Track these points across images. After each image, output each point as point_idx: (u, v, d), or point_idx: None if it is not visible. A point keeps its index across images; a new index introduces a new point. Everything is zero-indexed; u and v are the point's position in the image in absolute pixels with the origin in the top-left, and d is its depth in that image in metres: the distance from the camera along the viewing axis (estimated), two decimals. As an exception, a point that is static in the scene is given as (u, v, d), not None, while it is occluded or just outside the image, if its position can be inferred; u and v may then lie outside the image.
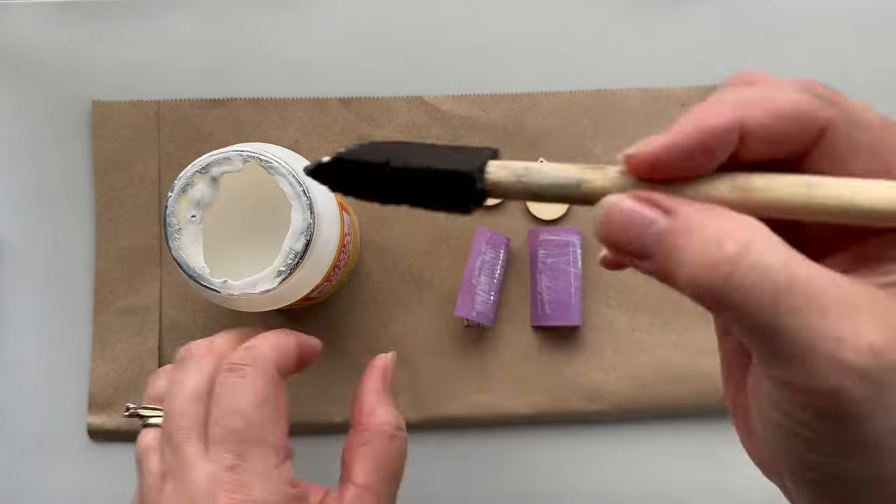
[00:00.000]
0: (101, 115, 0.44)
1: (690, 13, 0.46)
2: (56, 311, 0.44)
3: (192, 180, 0.33)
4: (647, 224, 0.21)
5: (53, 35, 0.45)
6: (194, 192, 0.33)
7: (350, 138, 0.44)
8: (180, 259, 0.33)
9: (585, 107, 0.45)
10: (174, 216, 0.33)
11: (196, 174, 0.33)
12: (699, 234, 0.20)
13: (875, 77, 0.46)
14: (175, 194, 0.33)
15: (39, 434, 0.44)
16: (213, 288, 0.33)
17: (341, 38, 0.46)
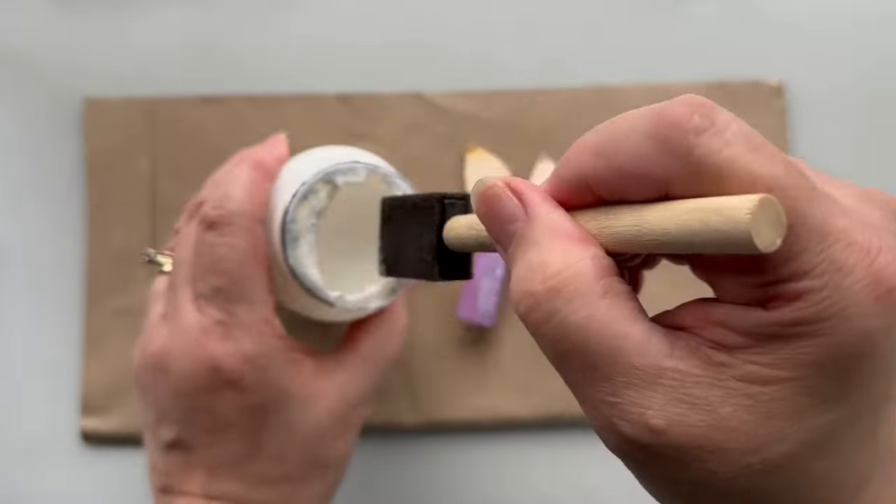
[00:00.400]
0: (95, 112, 0.44)
1: (692, 10, 0.46)
2: (47, 312, 0.44)
3: (314, 188, 0.31)
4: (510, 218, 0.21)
5: (46, 31, 0.45)
6: (316, 201, 0.31)
7: (348, 135, 0.44)
8: (297, 269, 0.31)
9: (588, 104, 0.44)
10: (295, 223, 0.31)
11: (319, 182, 0.31)
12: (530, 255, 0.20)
13: (875, 76, 0.45)
14: (297, 200, 0.31)
15: (32, 437, 0.43)
16: (329, 301, 0.31)
17: (338, 33, 0.45)
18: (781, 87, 0.45)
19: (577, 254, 0.19)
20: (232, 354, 0.31)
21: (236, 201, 0.32)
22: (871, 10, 0.46)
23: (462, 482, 0.43)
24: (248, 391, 0.31)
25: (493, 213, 0.21)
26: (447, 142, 0.44)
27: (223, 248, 0.31)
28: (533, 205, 0.20)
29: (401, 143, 0.44)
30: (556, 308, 0.19)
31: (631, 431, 0.19)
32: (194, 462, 0.32)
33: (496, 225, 0.21)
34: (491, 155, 0.44)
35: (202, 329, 0.31)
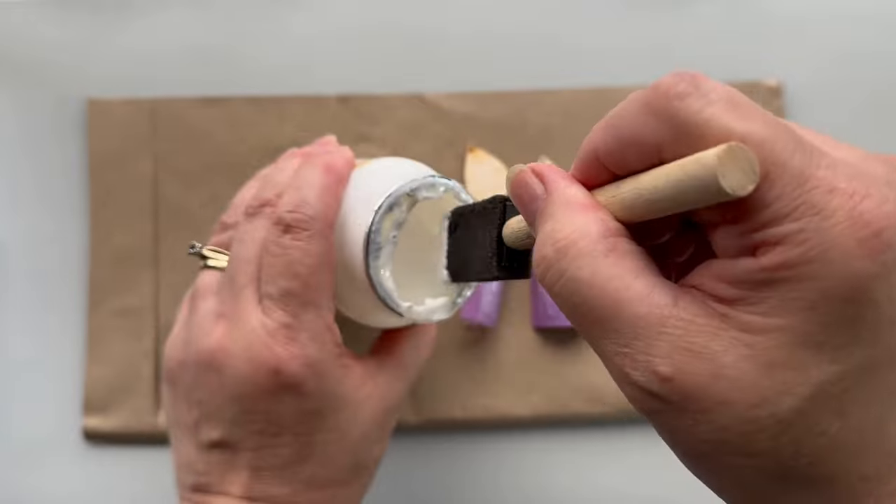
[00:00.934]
0: (97, 113, 0.44)
1: (692, 11, 0.46)
2: (50, 312, 0.44)
3: (399, 201, 0.32)
4: (534, 198, 0.23)
5: (49, 33, 0.45)
6: (399, 214, 0.32)
7: (349, 136, 0.44)
8: (376, 278, 0.32)
9: (587, 104, 0.45)
10: (379, 234, 0.32)
11: (404, 195, 0.32)
12: (544, 225, 0.22)
13: (875, 76, 0.46)
14: (382, 212, 0.32)
15: (34, 436, 0.43)
16: (399, 311, 0.32)
17: (339, 35, 0.45)
18: (779, 88, 0.45)
19: (583, 218, 0.21)
20: (297, 358, 0.30)
21: (313, 206, 0.31)
22: (869, 12, 0.46)
23: (463, 481, 0.44)
24: (307, 396, 0.31)
25: (520, 195, 0.23)
26: (447, 142, 0.44)
27: (298, 252, 0.31)
28: (551, 182, 0.22)
29: (401, 144, 0.44)
30: (564, 267, 0.20)
31: (642, 379, 0.19)
32: (239, 463, 0.31)
33: (524, 206, 0.23)
34: (491, 155, 0.44)
35: (268, 331, 0.31)
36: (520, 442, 0.44)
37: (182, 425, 0.33)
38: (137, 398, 0.43)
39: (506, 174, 0.24)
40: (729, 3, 0.46)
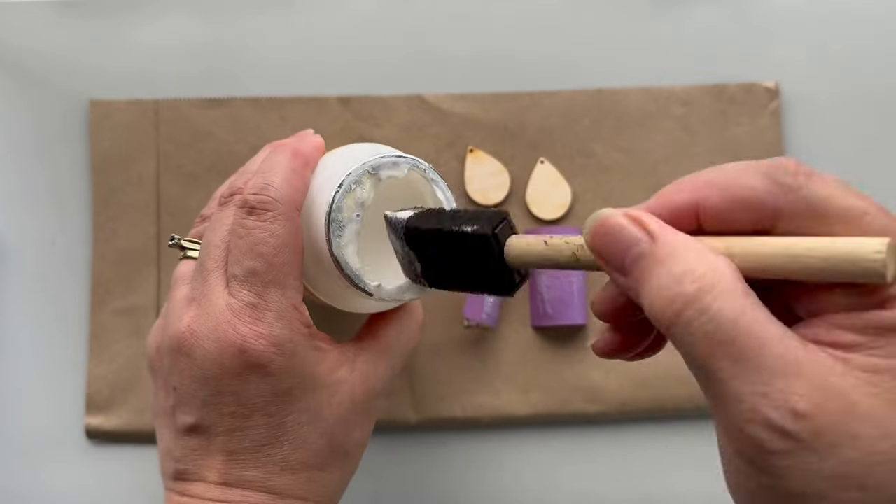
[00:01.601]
0: (99, 114, 0.44)
1: (691, 12, 0.46)
2: (53, 312, 0.44)
3: (360, 179, 0.32)
4: (633, 243, 0.23)
5: (51, 34, 0.45)
6: (361, 192, 0.32)
7: (349, 137, 0.44)
8: (340, 257, 0.32)
9: (586, 106, 0.45)
10: (340, 213, 0.32)
11: (366, 174, 0.32)
12: (668, 266, 0.22)
13: (869, 78, 0.46)
14: (343, 191, 0.32)
15: (37, 434, 0.44)
16: (367, 290, 0.32)
17: (340, 36, 0.45)
18: (776, 90, 0.45)
19: (717, 261, 0.22)
20: (262, 337, 0.30)
21: (276, 188, 0.31)
22: (866, 13, 0.46)
23: (463, 480, 0.44)
24: (274, 376, 0.31)
25: (614, 241, 0.23)
26: (447, 143, 0.45)
27: (262, 232, 0.31)
28: (657, 228, 0.23)
29: (401, 145, 0.44)
30: (707, 305, 0.21)
31: (777, 417, 0.20)
32: (214, 447, 0.31)
33: (620, 250, 0.23)
34: (491, 156, 0.44)
35: (232, 310, 0.31)
36: (519, 441, 0.44)
37: (162, 413, 0.33)
38: (139, 397, 0.43)
39: (586, 222, 0.24)
40: (726, 5, 0.46)
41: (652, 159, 0.45)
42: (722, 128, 0.45)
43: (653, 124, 0.45)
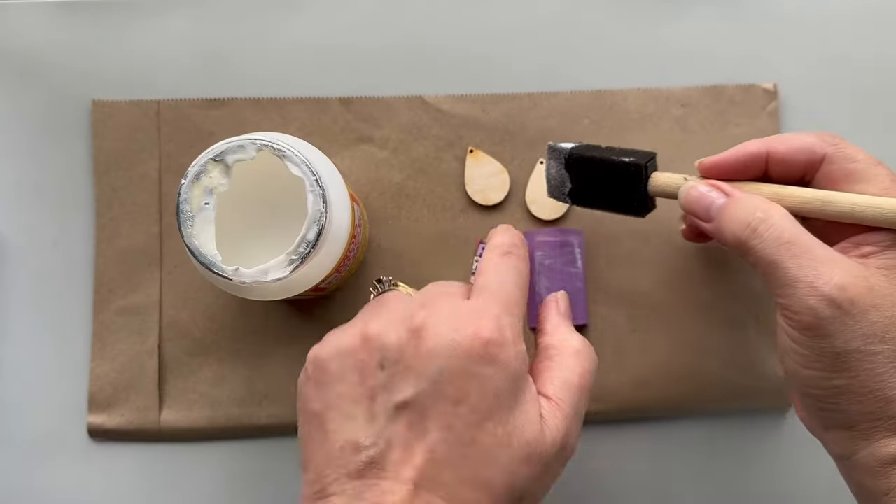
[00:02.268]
0: (101, 114, 0.44)
1: (691, 13, 0.46)
2: (55, 311, 0.44)
3: (205, 167, 0.33)
4: (713, 200, 0.35)
5: (53, 34, 0.45)
6: (208, 180, 0.33)
7: (350, 138, 0.44)
8: (193, 246, 0.33)
9: (586, 107, 0.45)
10: (188, 203, 0.33)
11: (210, 161, 0.33)
12: (743, 205, 0.34)
13: (875, 76, 0.46)
14: (189, 181, 0.33)
15: (39, 433, 0.44)
16: (225, 276, 0.33)
17: (341, 37, 0.46)
18: (775, 91, 0.45)
19: (771, 202, 0.34)
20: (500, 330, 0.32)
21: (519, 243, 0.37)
22: (863, 14, 0.46)
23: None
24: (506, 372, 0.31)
25: (703, 200, 0.35)
26: (448, 144, 0.45)
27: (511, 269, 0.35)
28: (729, 189, 0.35)
29: (402, 146, 0.45)
30: (772, 222, 0.33)
31: (827, 289, 0.31)
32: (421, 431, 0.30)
33: (705, 205, 0.35)
34: (491, 157, 0.45)
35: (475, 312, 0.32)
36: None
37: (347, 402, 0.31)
38: (141, 396, 0.43)
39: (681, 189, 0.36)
40: (725, 7, 0.46)
41: (651, 160, 0.45)
42: (721, 129, 0.45)
43: (652, 125, 0.45)
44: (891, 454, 0.32)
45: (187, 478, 0.44)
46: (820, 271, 0.31)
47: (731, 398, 0.44)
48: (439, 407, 0.30)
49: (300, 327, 0.44)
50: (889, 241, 0.33)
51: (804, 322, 0.31)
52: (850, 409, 0.32)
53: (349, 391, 0.31)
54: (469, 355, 0.30)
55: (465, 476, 0.29)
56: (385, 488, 0.29)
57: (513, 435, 0.30)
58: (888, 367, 0.31)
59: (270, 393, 0.43)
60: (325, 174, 0.34)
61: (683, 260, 0.44)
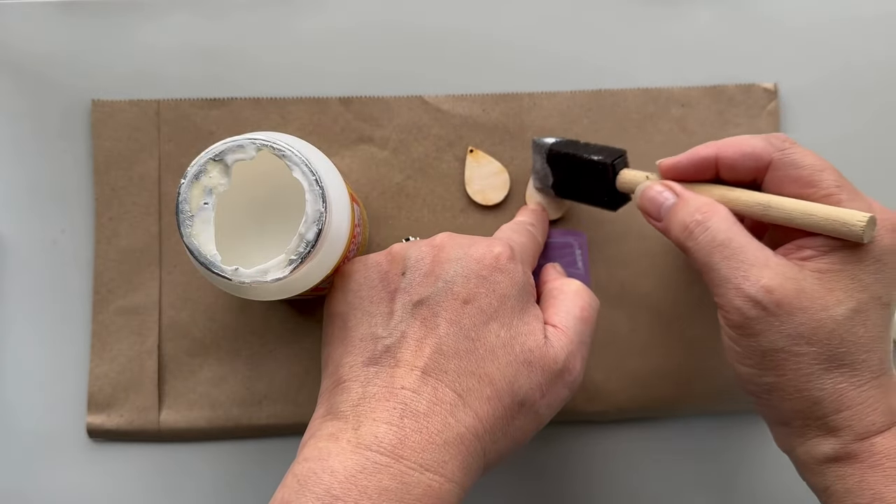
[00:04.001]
0: (101, 114, 0.44)
1: (691, 13, 0.46)
2: (55, 311, 0.44)
3: (205, 167, 0.33)
4: (664, 200, 0.37)
5: (53, 34, 0.45)
6: (207, 180, 0.33)
7: (350, 138, 0.44)
8: (192, 246, 0.33)
9: (586, 107, 0.45)
10: (187, 203, 0.33)
11: (209, 161, 0.33)
12: (686, 207, 0.35)
13: (874, 76, 0.46)
14: (188, 181, 0.33)
15: (38, 433, 0.44)
16: (224, 275, 0.32)
17: (341, 37, 0.46)
18: (775, 90, 0.45)
19: (715, 203, 0.35)
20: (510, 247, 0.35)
21: None
22: (863, 15, 0.46)
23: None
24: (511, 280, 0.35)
25: (655, 200, 0.37)
26: (448, 144, 0.45)
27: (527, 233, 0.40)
28: (680, 189, 0.37)
29: (402, 146, 0.45)
30: (708, 224, 0.34)
31: (753, 291, 0.32)
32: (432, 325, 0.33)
33: (656, 205, 0.37)
34: (490, 157, 0.45)
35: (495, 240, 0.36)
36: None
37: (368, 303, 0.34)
38: (141, 396, 0.43)
39: (637, 188, 0.38)
40: (726, 7, 0.46)
41: (651, 160, 0.45)
42: (720, 128, 0.45)
43: (652, 125, 0.45)
44: (824, 453, 0.33)
45: (187, 478, 0.44)
46: (749, 273, 0.32)
47: (730, 399, 0.44)
48: (449, 304, 0.33)
49: (300, 327, 0.44)
50: (827, 246, 0.33)
51: (733, 321, 0.33)
52: (782, 406, 0.34)
53: (372, 294, 0.35)
54: (480, 263, 0.34)
55: (468, 368, 0.32)
56: (396, 374, 0.32)
57: (515, 339, 0.33)
58: (814, 369, 0.32)
59: (270, 393, 0.43)
60: (324, 174, 0.34)
61: (683, 260, 0.44)
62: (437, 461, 0.30)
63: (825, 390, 0.33)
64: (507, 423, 0.33)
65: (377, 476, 0.29)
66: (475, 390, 0.32)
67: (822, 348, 0.32)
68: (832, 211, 0.33)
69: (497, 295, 0.34)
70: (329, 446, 0.30)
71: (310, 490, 0.29)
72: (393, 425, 0.30)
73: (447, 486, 0.30)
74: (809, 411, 0.33)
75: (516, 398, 0.33)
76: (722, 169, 0.36)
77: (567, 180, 0.42)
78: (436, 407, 0.31)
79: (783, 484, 0.45)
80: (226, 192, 0.33)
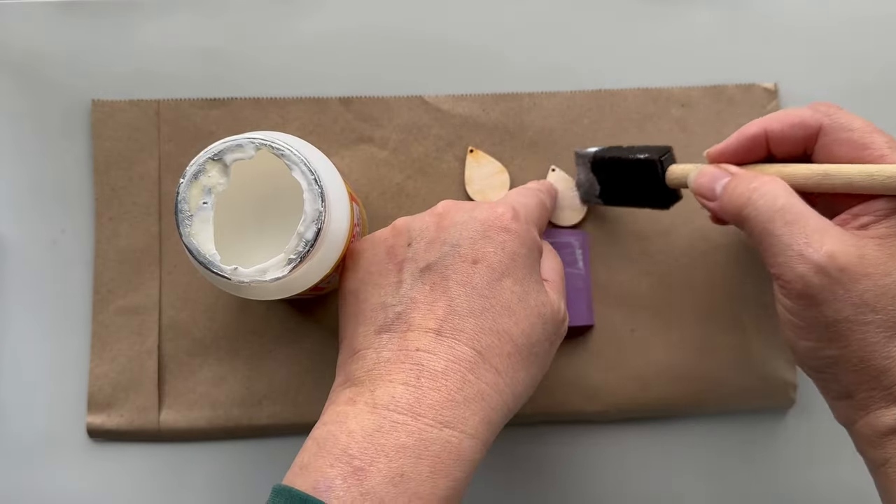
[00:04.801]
0: (101, 114, 0.44)
1: (690, 13, 0.46)
2: (55, 311, 0.44)
3: (204, 167, 0.33)
4: (719, 178, 0.36)
5: (53, 35, 0.45)
6: (206, 179, 0.33)
7: (350, 138, 0.44)
8: (191, 245, 0.33)
9: (586, 107, 0.45)
10: (186, 203, 0.33)
11: (208, 161, 0.33)
12: (743, 179, 0.35)
13: (874, 76, 0.46)
14: (187, 181, 0.33)
15: (38, 433, 0.44)
16: (224, 275, 0.33)
17: (341, 37, 0.46)
18: (775, 90, 0.45)
19: (771, 177, 0.35)
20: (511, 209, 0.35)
21: None
22: (863, 14, 0.46)
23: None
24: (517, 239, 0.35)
25: (711, 179, 0.36)
26: (448, 144, 0.45)
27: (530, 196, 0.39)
28: (734, 168, 0.36)
29: (402, 146, 0.45)
30: (767, 190, 0.34)
31: (816, 256, 0.32)
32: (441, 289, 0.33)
33: (711, 183, 0.36)
34: (490, 157, 0.45)
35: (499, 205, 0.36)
36: (518, 439, 0.44)
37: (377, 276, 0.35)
38: (141, 396, 0.43)
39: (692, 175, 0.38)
40: (725, 6, 0.46)
41: (651, 160, 0.45)
42: (720, 128, 0.45)
43: (652, 125, 0.45)
44: (887, 424, 0.32)
45: (187, 478, 0.44)
46: (811, 239, 0.32)
47: (730, 398, 0.44)
48: (458, 266, 0.33)
49: (300, 327, 0.44)
50: (886, 209, 0.33)
51: (795, 290, 0.32)
52: (844, 378, 0.33)
53: (380, 268, 0.35)
54: (485, 224, 0.34)
55: (485, 325, 0.32)
56: (409, 337, 0.32)
57: (529, 294, 0.34)
58: (880, 337, 0.32)
59: (270, 393, 0.43)
60: (323, 173, 0.34)
61: (684, 261, 0.44)
62: (458, 417, 0.30)
63: (892, 358, 0.32)
64: (526, 375, 0.33)
65: (394, 434, 0.30)
66: (495, 347, 0.32)
67: (887, 315, 0.31)
68: (894, 169, 0.32)
69: (507, 253, 0.34)
70: (346, 409, 0.31)
71: (328, 451, 0.29)
72: (410, 385, 0.31)
73: (468, 442, 0.30)
74: (875, 381, 0.32)
75: (533, 350, 0.33)
76: (772, 144, 0.36)
77: (614, 186, 0.41)
78: (454, 365, 0.31)
79: (783, 484, 0.45)
80: (225, 191, 0.33)
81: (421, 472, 0.29)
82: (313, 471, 0.29)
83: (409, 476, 0.29)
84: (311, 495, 0.28)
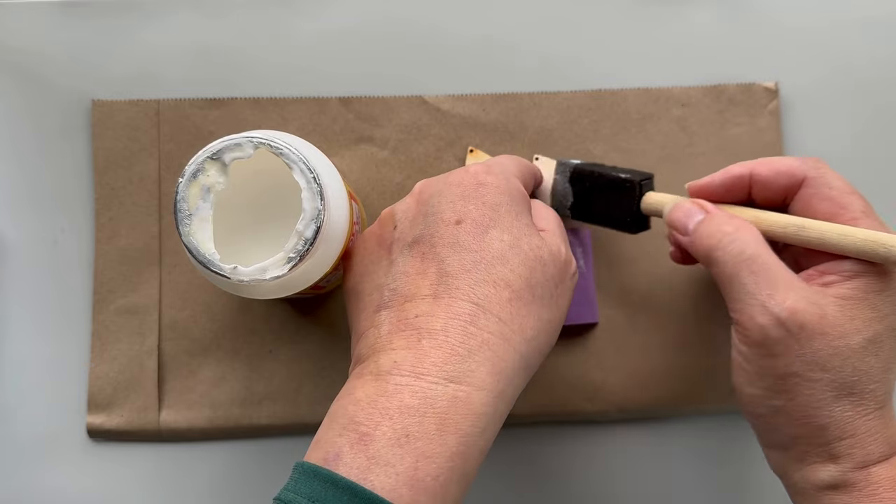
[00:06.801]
0: (101, 114, 0.44)
1: (691, 13, 0.46)
2: (55, 311, 0.44)
3: (203, 166, 0.33)
4: (694, 215, 0.36)
5: (53, 35, 0.45)
6: (205, 178, 0.33)
7: (350, 138, 0.44)
8: (190, 245, 0.33)
9: (586, 107, 0.45)
10: (185, 202, 0.33)
11: (207, 160, 0.33)
12: (716, 220, 0.35)
13: (875, 76, 0.46)
14: (186, 180, 0.33)
15: (38, 434, 0.44)
16: (223, 274, 0.33)
17: (341, 37, 0.46)
18: (776, 90, 0.45)
19: (745, 222, 0.35)
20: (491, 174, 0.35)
21: None
22: (863, 14, 0.46)
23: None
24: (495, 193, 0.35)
25: (686, 215, 0.37)
26: (448, 144, 0.45)
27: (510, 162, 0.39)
28: (711, 207, 0.37)
29: (402, 146, 0.45)
30: (737, 237, 0.34)
31: (778, 310, 0.32)
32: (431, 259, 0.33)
33: (685, 219, 0.37)
34: (490, 157, 0.45)
35: None
36: (518, 439, 0.44)
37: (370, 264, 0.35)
38: (141, 396, 0.43)
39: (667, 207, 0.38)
40: (726, 6, 0.46)
41: (651, 160, 0.45)
42: (721, 128, 0.45)
43: (652, 125, 0.45)
44: (822, 480, 0.33)
45: (187, 478, 0.44)
46: (775, 292, 0.32)
47: (731, 399, 0.44)
48: (443, 231, 0.33)
49: (300, 327, 0.44)
50: (852, 271, 0.33)
51: (753, 338, 0.33)
52: (785, 429, 0.34)
53: (372, 257, 0.35)
54: (461, 185, 0.34)
55: (478, 278, 0.32)
56: (406, 308, 0.32)
57: (520, 239, 0.33)
58: (826, 395, 0.32)
59: (270, 393, 0.43)
60: (322, 172, 0.34)
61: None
62: (463, 371, 0.30)
63: (833, 417, 0.32)
64: (537, 320, 0.33)
65: (398, 396, 0.30)
66: (493, 296, 0.32)
67: (836, 375, 0.32)
68: (870, 233, 0.32)
69: (488, 205, 0.34)
70: (354, 383, 0.31)
71: (336, 422, 0.30)
72: (411, 349, 0.31)
73: (476, 395, 0.30)
74: (813, 437, 0.33)
75: (536, 293, 0.33)
76: (755, 187, 0.36)
77: (587, 200, 0.41)
78: (452, 321, 0.31)
79: (783, 484, 0.45)
80: (224, 190, 0.33)
81: (427, 430, 0.29)
82: (324, 443, 0.30)
83: (414, 435, 0.29)
84: (322, 466, 0.29)
